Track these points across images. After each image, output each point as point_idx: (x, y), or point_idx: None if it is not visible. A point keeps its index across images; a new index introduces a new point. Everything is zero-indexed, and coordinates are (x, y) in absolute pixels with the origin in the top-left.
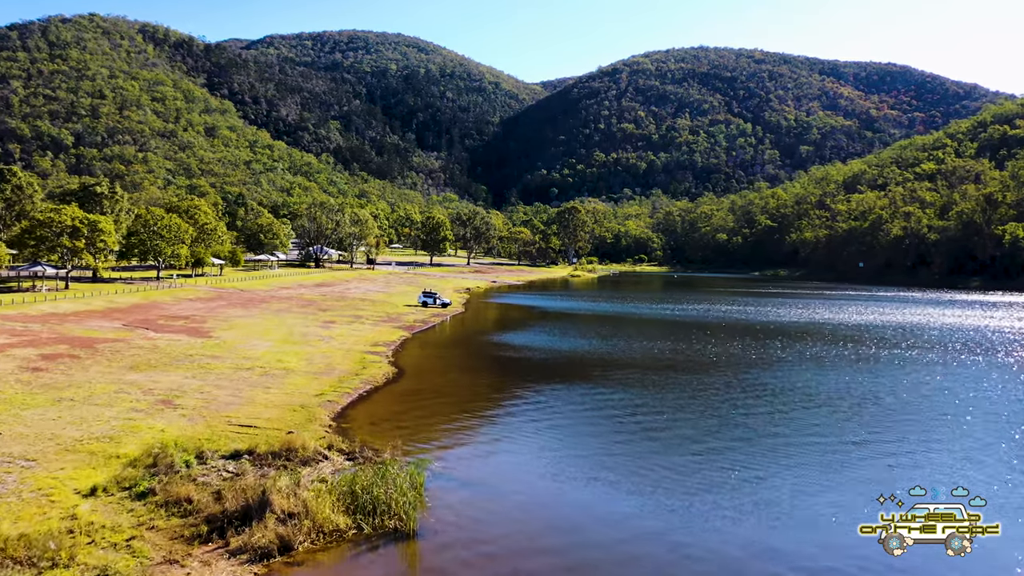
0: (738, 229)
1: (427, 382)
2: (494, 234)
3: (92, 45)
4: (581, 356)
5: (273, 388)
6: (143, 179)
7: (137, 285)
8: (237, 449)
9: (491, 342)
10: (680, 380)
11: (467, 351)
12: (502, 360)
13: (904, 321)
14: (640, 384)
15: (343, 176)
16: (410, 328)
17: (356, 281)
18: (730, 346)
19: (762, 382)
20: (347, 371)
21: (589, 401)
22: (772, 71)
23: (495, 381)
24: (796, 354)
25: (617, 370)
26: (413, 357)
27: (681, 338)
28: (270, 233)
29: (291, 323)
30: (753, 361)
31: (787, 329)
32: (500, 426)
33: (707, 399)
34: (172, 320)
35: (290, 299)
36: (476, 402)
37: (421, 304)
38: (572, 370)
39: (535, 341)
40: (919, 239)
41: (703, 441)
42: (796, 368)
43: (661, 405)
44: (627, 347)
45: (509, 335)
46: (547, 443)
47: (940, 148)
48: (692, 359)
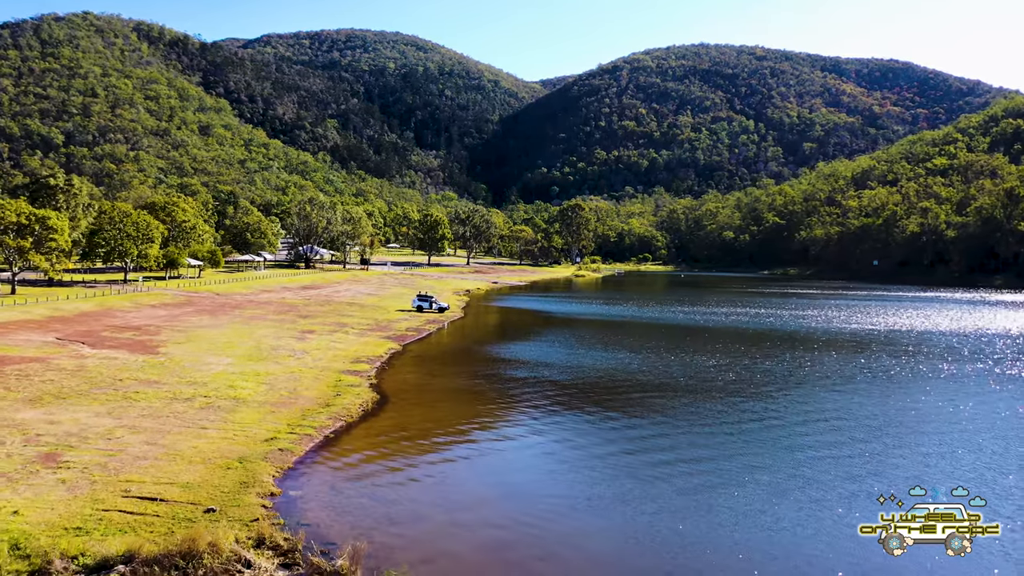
0: (745, 227)
1: (415, 416)
2: (495, 232)
3: (85, 43)
4: (605, 375)
5: (211, 429)
6: (133, 178)
7: (100, 289)
8: (109, 556)
9: (494, 356)
10: (737, 409)
11: (467, 369)
12: (509, 383)
13: (961, 328)
14: (695, 419)
15: (340, 175)
16: (401, 338)
17: (347, 283)
18: (779, 361)
19: (849, 410)
20: (315, 400)
21: (629, 443)
22: (774, 68)
23: (502, 413)
24: (861, 369)
25: (657, 395)
26: (401, 378)
27: (718, 350)
28: (257, 232)
29: (261, 334)
30: (821, 380)
31: (836, 339)
32: (515, 498)
33: (790, 437)
34: (120, 332)
35: (268, 304)
36: (479, 446)
37: (416, 309)
38: (598, 396)
39: (546, 355)
40: (937, 236)
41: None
42: (873, 387)
43: (725, 447)
44: (659, 363)
45: (515, 346)
46: (582, 522)
47: (951, 143)
48: (744, 379)
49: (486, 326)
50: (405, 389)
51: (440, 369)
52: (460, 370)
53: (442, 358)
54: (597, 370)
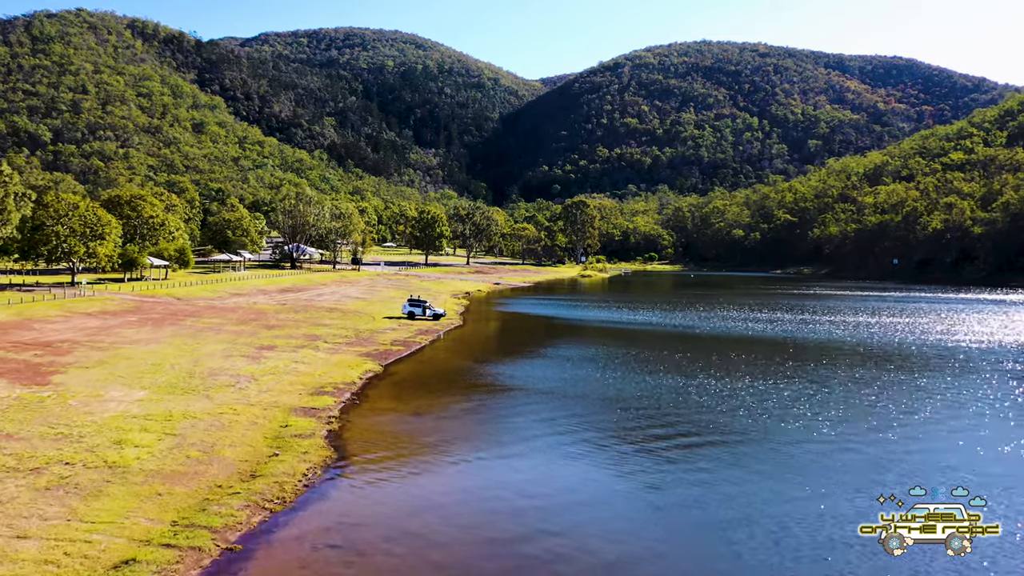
0: (755, 225)
1: (385, 498)
2: (496, 230)
3: (77, 40)
4: (658, 414)
5: (31, 540)
6: (119, 175)
7: (37, 294)
8: None
9: (502, 383)
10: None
11: (465, 402)
12: (525, 427)
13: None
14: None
15: (336, 172)
16: (384, 356)
17: (334, 285)
18: (900, 394)
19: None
20: (237, 466)
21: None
22: (777, 64)
23: (520, 485)
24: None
25: (748, 448)
26: (373, 420)
27: (788, 371)
28: (239, 229)
29: (207, 351)
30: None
31: (945, 357)
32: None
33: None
34: (20, 351)
35: (234, 310)
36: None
37: (407, 316)
38: (665, 452)
39: (572, 381)
40: (963, 233)
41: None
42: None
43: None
44: (724, 393)
45: (528, 367)
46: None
47: (966, 137)
48: (865, 425)
49: (490, 338)
50: (376, 439)
51: (429, 402)
52: (456, 403)
53: (433, 384)
54: (648, 406)
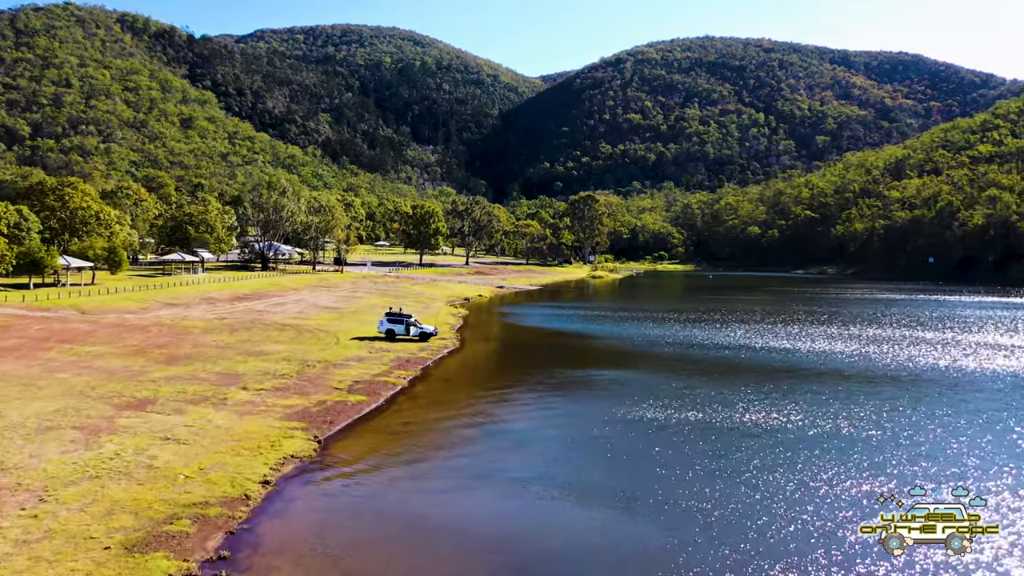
0: (771, 222)
1: None
2: (498, 227)
3: (63, 33)
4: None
5: None
6: (93, 170)
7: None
8: None
9: (531, 490)
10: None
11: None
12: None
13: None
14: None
15: (331, 169)
16: (328, 415)
17: (306, 290)
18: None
19: None
20: None
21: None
22: (782, 60)
23: None
24: None
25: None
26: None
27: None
28: (203, 225)
29: (18, 416)
30: None
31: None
32: None
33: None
34: None
35: (144, 330)
36: None
37: (384, 335)
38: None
39: (645, 486)
40: (1007, 229)
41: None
42: None
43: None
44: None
45: (567, 447)
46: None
47: (992, 129)
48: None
49: (500, 370)
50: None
51: (387, 558)
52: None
53: (404, 491)
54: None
